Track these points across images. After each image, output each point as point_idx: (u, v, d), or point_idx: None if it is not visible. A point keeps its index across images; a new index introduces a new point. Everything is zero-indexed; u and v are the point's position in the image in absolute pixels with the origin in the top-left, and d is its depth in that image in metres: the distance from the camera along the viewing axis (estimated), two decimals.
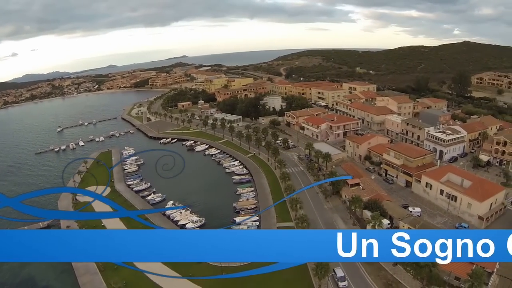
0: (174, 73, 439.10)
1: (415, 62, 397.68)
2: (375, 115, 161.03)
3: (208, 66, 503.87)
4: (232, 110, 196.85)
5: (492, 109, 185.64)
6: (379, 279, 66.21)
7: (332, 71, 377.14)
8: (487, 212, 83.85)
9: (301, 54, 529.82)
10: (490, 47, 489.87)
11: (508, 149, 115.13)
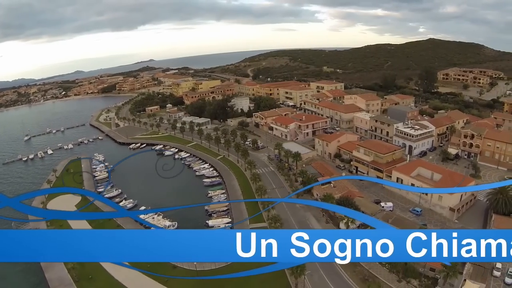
0: (141, 77, 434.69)
1: (382, 60, 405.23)
2: (343, 113, 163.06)
3: (175, 70, 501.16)
4: (200, 113, 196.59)
5: (459, 103, 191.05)
6: (355, 275, 67.08)
7: (299, 70, 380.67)
8: (458, 204, 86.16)
9: (268, 54, 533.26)
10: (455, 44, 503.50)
11: (475, 141, 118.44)
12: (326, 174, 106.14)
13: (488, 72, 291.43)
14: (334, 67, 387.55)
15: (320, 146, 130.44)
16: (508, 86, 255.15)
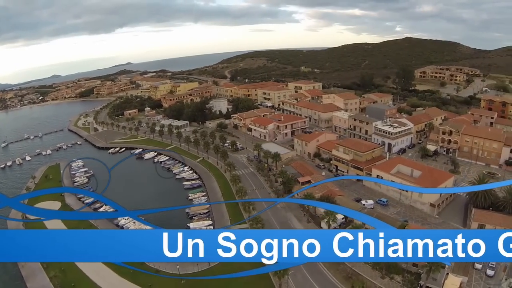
0: (119, 81, 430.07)
1: (359, 59, 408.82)
2: (322, 113, 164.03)
3: (153, 72, 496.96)
4: (179, 115, 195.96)
5: (436, 100, 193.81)
6: (338, 273, 67.48)
7: (277, 71, 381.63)
8: (438, 199, 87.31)
9: (245, 56, 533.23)
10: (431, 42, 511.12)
11: (453, 138, 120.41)
12: (306, 173, 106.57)
13: (465, 70, 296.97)
14: (312, 67, 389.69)
15: (299, 146, 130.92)
16: (484, 83, 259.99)
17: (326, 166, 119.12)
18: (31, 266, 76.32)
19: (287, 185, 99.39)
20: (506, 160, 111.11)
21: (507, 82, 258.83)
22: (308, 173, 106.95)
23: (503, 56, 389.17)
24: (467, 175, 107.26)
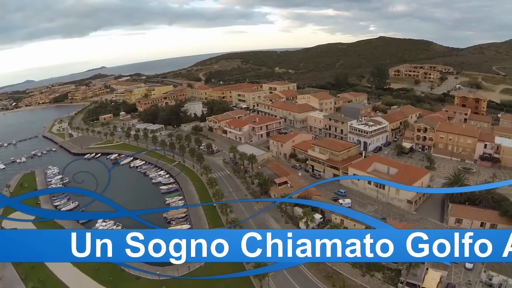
0: (93, 85, 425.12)
1: (334, 59, 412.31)
2: (297, 113, 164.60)
3: (127, 76, 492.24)
4: (154, 119, 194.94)
5: (411, 98, 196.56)
6: (319, 273, 67.61)
7: (251, 72, 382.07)
8: (415, 196, 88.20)
9: (220, 58, 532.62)
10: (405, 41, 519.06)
11: (428, 135, 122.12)
12: (282, 174, 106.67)
13: (438, 68, 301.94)
14: (286, 67, 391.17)
15: (275, 147, 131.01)
16: (458, 80, 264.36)
17: (303, 167, 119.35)
18: (9, 278, 74.63)
19: (264, 186, 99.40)
20: (480, 155, 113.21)
21: (479, 79, 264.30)
22: (285, 174, 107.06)
23: (475, 54, 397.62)
24: (442, 171, 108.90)
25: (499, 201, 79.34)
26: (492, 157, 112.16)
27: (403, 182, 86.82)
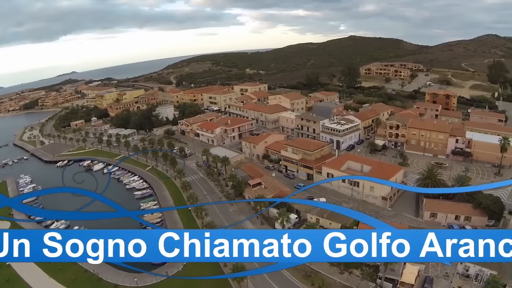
0: (64, 91, 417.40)
1: (304, 59, 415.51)
2: (268, 114, 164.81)
3: (98, 81, 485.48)
4: (126, 124, 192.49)
5: (382, 96, 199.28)
6: (297, 273, 67.38)
7: (222, 74, 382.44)
8: (389, 192, 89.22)
9: (190, 60, 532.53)
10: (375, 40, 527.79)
11: (401, 131, 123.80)
12: (256, 176, 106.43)
13: (408, 65, 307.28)
14: (257, 68, 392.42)
15: (248, 149, 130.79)
16: (428, 77, 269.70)
17: (276, 167, 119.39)
18: None
19: (238, 188, 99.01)
20: (452, 150, 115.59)
21: (449, 76, 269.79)
22: (258, 175, 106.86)
23: (444, 51, 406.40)
24: (416, 166, 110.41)
25: (472, 194, 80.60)
26: (464, 151, 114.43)
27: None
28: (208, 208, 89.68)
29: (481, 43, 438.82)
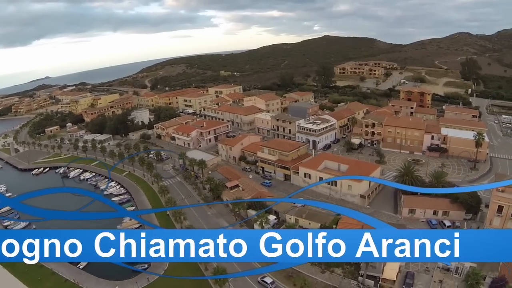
0: (38, 96, 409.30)
1: (279, 60, 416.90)
2: (244, 116, 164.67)
3: (72, 86, 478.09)
4: (102, 129, 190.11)
5: (357, 95, 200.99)
6: (279, 273, 67.07)
7: (197, 77, 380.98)
8: (367, 190, 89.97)
9: (165, 63, 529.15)
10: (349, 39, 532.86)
11: (376, 130, 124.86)
12: (233, 178, 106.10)
13: (382, 64, 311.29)
14: (232, 70, 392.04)
15: (224, 151, 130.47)
16: (402, 75, 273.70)
17: (253, 169, 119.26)
18: None
19: (215, 191, 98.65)
20: (428, 146, 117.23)
21: (423, 73, 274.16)
22: (235, 177, 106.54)
23: (418, 49, 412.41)
24: (393, 164, 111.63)
25: None
26: (439, 147, 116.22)
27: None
28: (186, 212, 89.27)
29: (453, 41, 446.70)
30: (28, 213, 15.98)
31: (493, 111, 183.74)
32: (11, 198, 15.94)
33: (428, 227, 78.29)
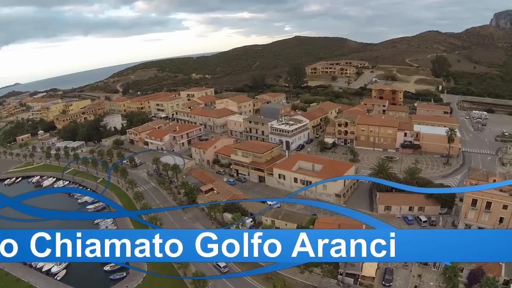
0: (7, 104, 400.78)
1: (250, 61, 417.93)
2: (216, 118, 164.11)
3: (43, 92, 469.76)
4: (74, 136, 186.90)
5: (329, 95, 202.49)
6: (257, 276, 66.91)
7: (168, 80, 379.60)
8: (343, 189, 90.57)
9: (136, 67, 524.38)
10: (320, 39, 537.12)
11: (349, 128, 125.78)
12: (207, 181, 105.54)
13: (354, 63, 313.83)
14: (203, 73, 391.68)
15: (198, 155, 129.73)
16: (373, 74, 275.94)
17: (227, 172, 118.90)
18: None
19: (191, 195, 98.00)
20: (401, 143, 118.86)
21: (394, 71, 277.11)
22: (210, 181, 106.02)
23: (388, 48, 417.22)
24: (367, 162, 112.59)
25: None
26: (412, 144, 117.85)
27: (329, 177, 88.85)
28: (162, 217, 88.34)
29: (423, 39, 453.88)
30: (28, 213, 15.98)
31: (464, 107, 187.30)
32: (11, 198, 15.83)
33: (404, 223, 79.18)
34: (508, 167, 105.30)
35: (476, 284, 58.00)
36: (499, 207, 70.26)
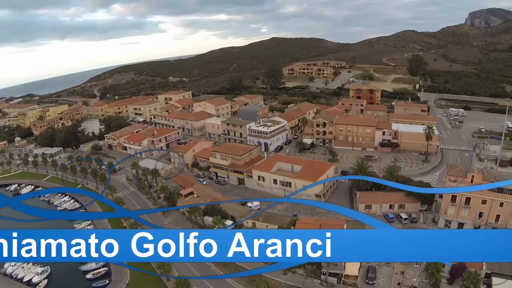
0: None
1: (227, 63, 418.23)
2: (194, 121, 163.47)
3: (19, 98, 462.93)
4: (52, 142, 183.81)
5: (307, 95, 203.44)
6: (241, 279, 66.64)
7: (145, 84, 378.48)
8: (322, 189, 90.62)
9: (113, 71, 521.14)
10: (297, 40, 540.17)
11: (328, 128, 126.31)
12: (187, 185, 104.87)
13: (331, 63, 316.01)
14: (180, 76, 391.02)
15: (176, 158, 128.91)
16: (351, 73, 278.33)
17: (206, 175, 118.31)
18: None
19: (171, 199, 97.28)
20: (380, 142, 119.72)
21: (371, 71, 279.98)
22: (189, 184, 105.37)
23: (365, 48, 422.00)
24: (346, 161, 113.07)
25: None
26: (391, 142, 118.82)
27: (309, 178, 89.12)
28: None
29: (400, 38, 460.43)
30: (28, 213, 15.84)
31: (441, 104, 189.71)
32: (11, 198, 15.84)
33: (385, 221, 79.36)
34: (486, 163, 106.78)
35: (458, 278, 58.80)
36: (478, 202, 71.40)
